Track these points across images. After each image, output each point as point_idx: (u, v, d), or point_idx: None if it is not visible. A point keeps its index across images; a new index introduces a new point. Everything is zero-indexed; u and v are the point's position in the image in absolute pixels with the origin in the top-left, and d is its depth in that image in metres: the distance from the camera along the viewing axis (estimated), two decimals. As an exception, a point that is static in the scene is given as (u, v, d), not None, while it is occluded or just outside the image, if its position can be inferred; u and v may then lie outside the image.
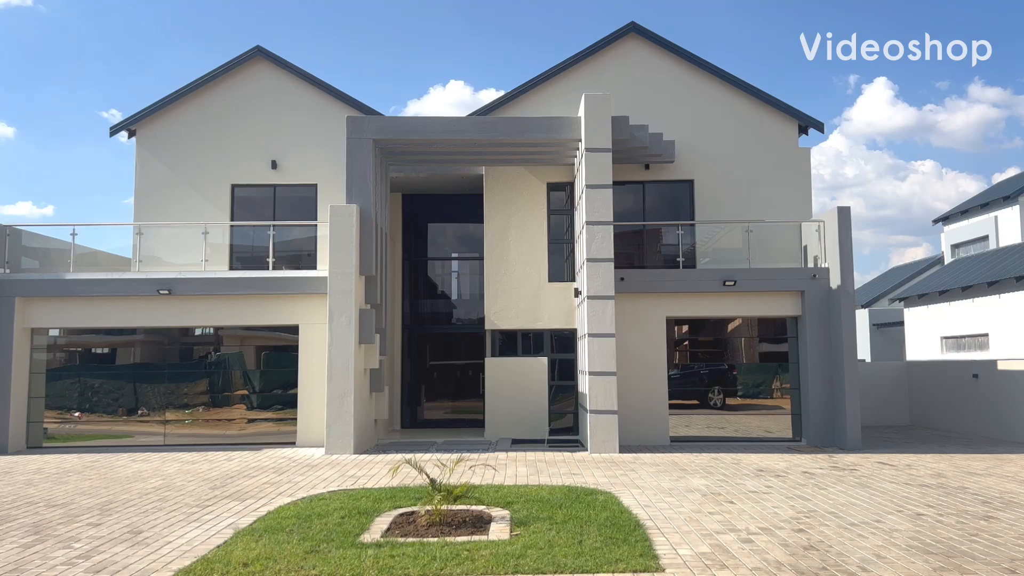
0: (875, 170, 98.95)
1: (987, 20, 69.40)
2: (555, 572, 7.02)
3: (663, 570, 7.11)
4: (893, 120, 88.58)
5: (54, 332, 16.90)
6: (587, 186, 15.40)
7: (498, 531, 8.41)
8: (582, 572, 7.03)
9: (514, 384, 17.45)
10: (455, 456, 10.21)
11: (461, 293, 21.55)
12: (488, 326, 17.89)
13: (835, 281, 16.15)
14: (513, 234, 18.04)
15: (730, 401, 17.43)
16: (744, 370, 17.64)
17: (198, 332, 17.37)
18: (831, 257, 16.38)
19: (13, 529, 8.97)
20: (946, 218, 34.43)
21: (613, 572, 7.04)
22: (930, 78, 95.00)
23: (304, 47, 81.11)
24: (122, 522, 9.24)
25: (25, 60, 76.45)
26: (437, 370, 21.25)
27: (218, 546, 8.03)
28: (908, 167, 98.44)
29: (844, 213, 16.20)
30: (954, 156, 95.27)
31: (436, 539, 8.08)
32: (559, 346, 18.04)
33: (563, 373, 17.96)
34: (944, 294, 27.74)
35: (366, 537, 8.24)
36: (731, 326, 17.56)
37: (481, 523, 8.77)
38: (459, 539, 8.08)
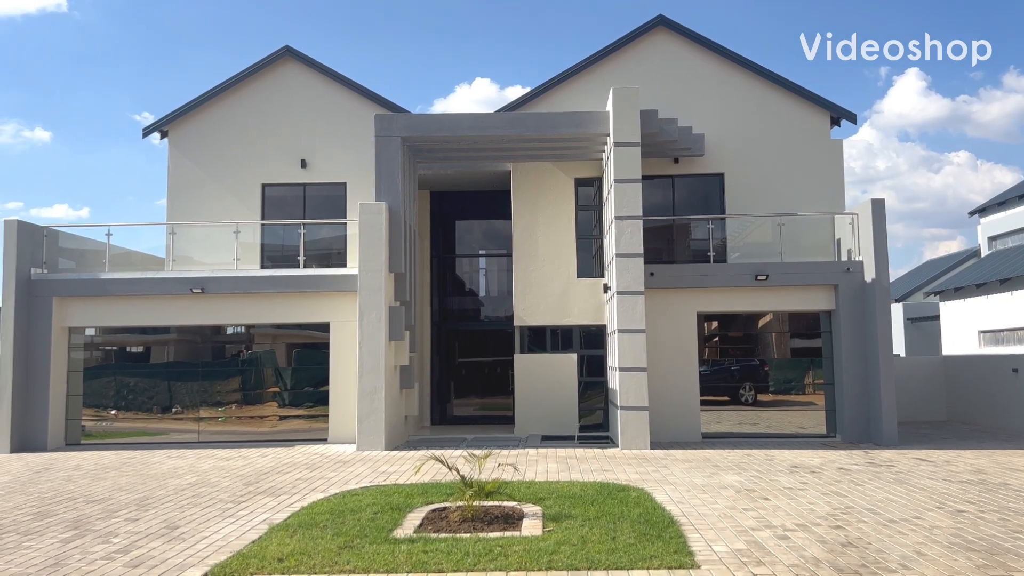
0: (908, 162, 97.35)
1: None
2: (589, 568, 6.97)
3: (699, 567, 7.04)
4: (926, 111, 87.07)
5: (90, 331, 17.18)
6: (616, 181, 15.29)
7: (530, 527, 8.38)
8: (616, 568, 6.98)
9: (544, 380, 17.42)
10: (485, 452, 10.22)
11: (489, 290, 21.54)
12: (517, 322, 17.85)
13: (869, 274, 15.89)
14: (541, 230, 17.98)
15: (761, 397, 17.23)
16: (776, 366, 17.42)
17: (230, 331, 17.56)
18: (865, 250, 16.11)
19: (53, 524, 9.12)
20: (983, 210, 33.75)
21: (648, 569, 6.97)
22: (963, 68, 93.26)
23: (329, 48, 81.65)
24: (159, 517, 9.36)
25: (61, 65, 77.88)
26: (466, 367, 21.27)
27: (253, 541, 8.10)
28: (942, 159, 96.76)
29: (878, 205, 15.93)
30: (989, 147, 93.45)
31: (469, 535, 8.07)
32: (588, 342, 17.95)
33: (592, 369, 17.87)
34: (981, 287, 27.21)
35: (399, 533, 8.26)
36: (762, 321, 17.36)
37: (513, 519, 8.74)
38: (492, 535, 8.06)
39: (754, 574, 6.85)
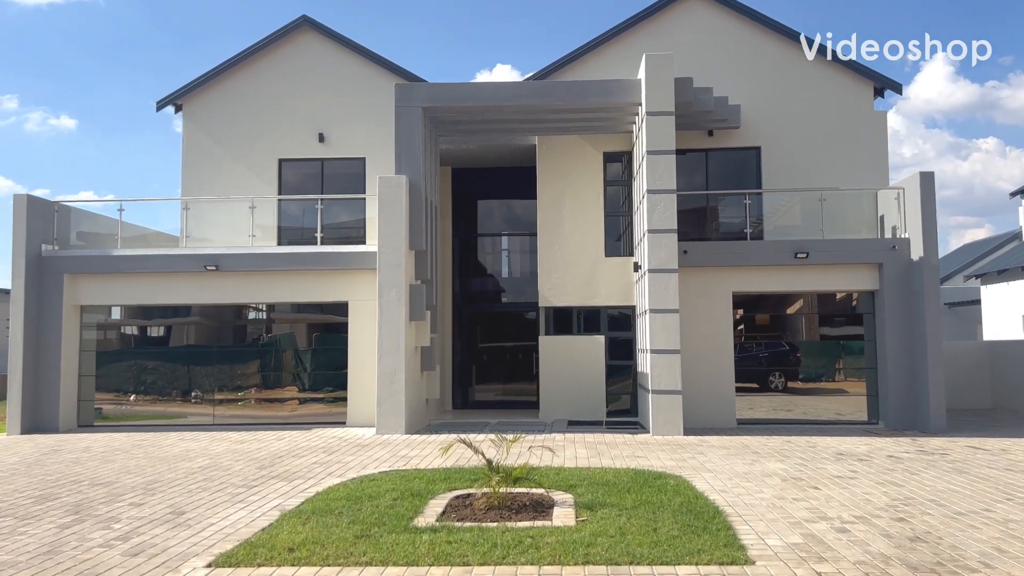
0: (934, 149, 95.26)
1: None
2: (631, 563, 6.27)
3: (753, 562, 6.31)
4: (953, 97, 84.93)
5: (115, 314, 16.72)
6: (648, 152, 14.48)
7: (562, 516, 7.70)
8: (661, 564, 6.27)
9: (570, 363, 16.70)
10: (511, 436, 9.50)
11: (512, 272, 20.82)
12: (542, 303, 17.12)
13: (917, 252, 14.97)
14: (568, 207, 17.21)
15: (796, 384, 16.41)
16: (812, 350, 16.57)
17: (251, 316, 17.01)
18: (912, 227, 15.19)
19: (53, 508, 8.58)
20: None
21: (697, 564, 6.26)
22: (993, 53, 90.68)
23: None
24: (165, 502, 8.79)
25: (86, 53, 77.87)
26: (488, 350, 20.59)
27: (263, 529, 7.48)
28: (970, 145, 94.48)
29: (927, 179, 14.97)
30: (1019, 133, 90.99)
31: (496, 524, 7.40)
32: (615, 324, 17.18)
33: (620, 352, 17.08)
34: (1026, 270, 25.99)
35: (420, 521, 7.60)
36: (799, 303, 16.50)
37: (543, 507, 8.07)
38: (521, 524, 7.39)
39: (816, 571, 6.12)
